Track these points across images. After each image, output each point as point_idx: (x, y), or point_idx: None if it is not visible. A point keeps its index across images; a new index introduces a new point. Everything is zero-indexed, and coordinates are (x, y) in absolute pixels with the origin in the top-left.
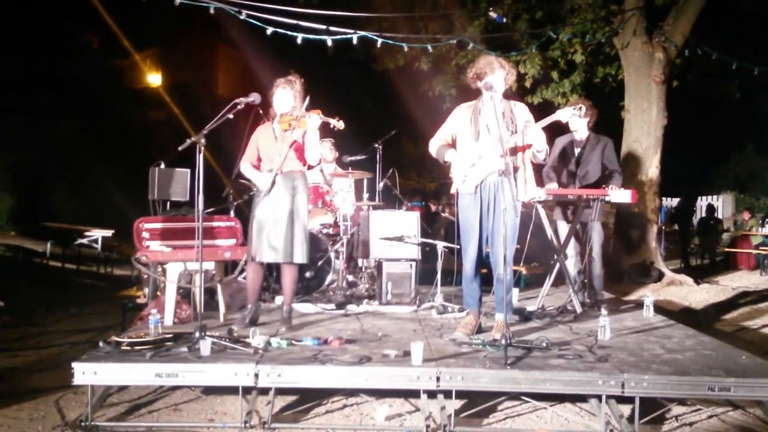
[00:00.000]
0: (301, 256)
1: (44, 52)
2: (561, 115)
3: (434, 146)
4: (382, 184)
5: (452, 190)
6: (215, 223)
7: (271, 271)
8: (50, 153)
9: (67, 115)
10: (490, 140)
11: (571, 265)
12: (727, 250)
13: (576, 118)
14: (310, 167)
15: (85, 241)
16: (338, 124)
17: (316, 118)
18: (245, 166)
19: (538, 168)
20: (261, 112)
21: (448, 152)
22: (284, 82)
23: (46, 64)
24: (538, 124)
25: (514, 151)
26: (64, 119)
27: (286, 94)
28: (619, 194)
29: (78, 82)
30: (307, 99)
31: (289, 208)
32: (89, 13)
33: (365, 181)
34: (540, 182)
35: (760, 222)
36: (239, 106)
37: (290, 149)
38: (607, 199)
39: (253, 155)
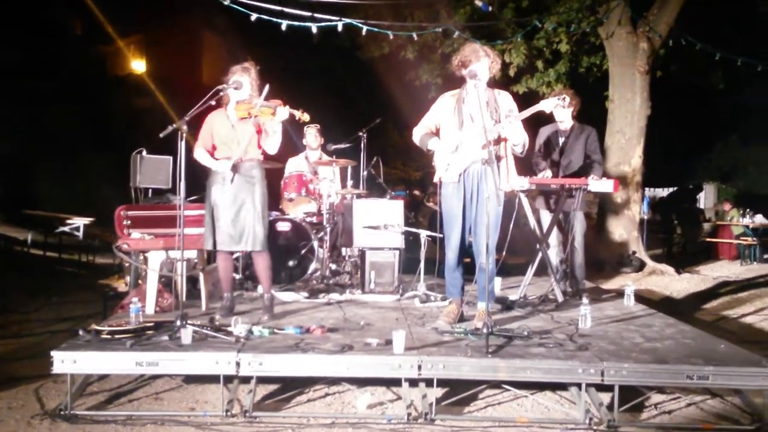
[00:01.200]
0: (261, 244)
1: (27, 38)
2: (545, 105)
3: (418, 135)
4: (366, 172)
5: (435, 179)
6: (197, 212)
7: (248, 261)
8: (33, 140)
9: (49, 101)
10: (474, 129)
11: (554, 254)
12: (708, 240)
13: (560, 108)
14: (267, 157)
15: (66, 229)
16: (303, 116)
17: (285, 110)
18: (200, 153)
19: (518, 158)
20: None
21: (431, 141)
22: (241, 69)
23: (29, 50)
24: (521, 114)
25: (497, 140)
26: (46, 106)
27: (243, 81)
28: (601, 184)
29: (61, 69)
30: (266, 87)
31: (249, 197)
32: None
33: (349, 170)
34: (522, 172)
35: (741, 213)
36: (222, 93)
37: (249, 137)
38: (588, 188)
39: (207, 142)
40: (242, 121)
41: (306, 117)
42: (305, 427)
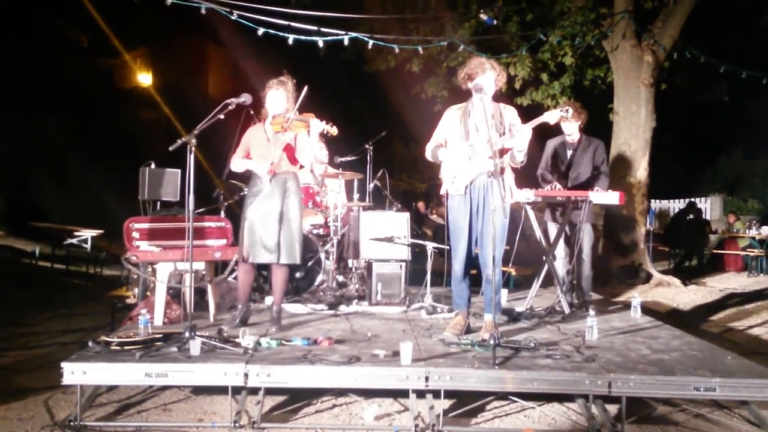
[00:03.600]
0: (293, 257)
1: (34, 50)
2: (549, 117)
3: (430, 150)
4: (372, 185)
5: (442, 191)
6: (206, 224)
7: (261, 272)
8: (40, 153)
9: (56, 114)
10: (480, 141)
11: (560, 266)
12: (714, 251)
13: (567, 121)
14: (301, 167)
15: (74, 241)
16: (332, 129)
17: (318, 123)
18: (236, 161)
19: (521, 170)
20: (252, 112)
21: (440, 151)
22: (277, 83)
23: (36, 63)
24: (526, 125)
25: (502, 152)
26: (53, 119)
27: (279, 95)
28: (606, 196)
29: (68, 82)
30: (305, 89)
31: (282, 209)
32: (79, 11)
33: (355, 182)
34: (528, 185)
35: (747, 224)
36: (230, 107)
37: (283, 151)
38: (593, 200)
39: (243, 155)
40: (277, 135)
41: (334, 131)
42: None
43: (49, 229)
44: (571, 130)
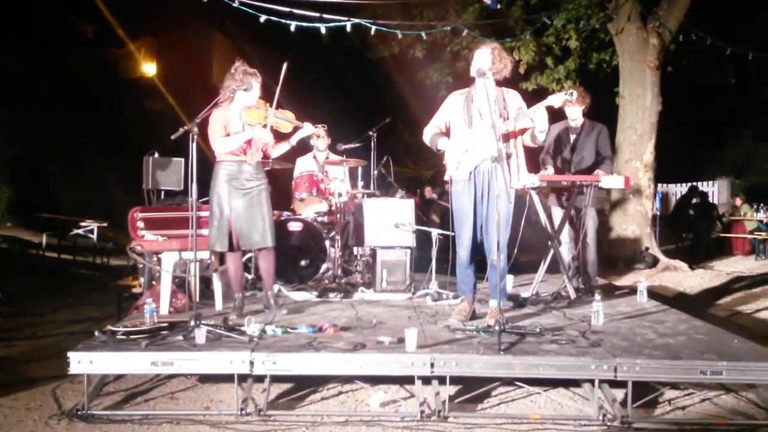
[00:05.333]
0: (272, 239)
1: (38, 42)
2: (553, 100)
3: (428, 134)
4: (376, 172)
5: (446, 177)
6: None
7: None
8: (45, 144)
9: (61, 105)
10: (483, 126)
11: (566, 251)
12: (721, 235)
13: (571, 105)
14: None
15: (80, 231)
16: (318, 131)
17: (309, 127)
18: (224, 140)
19: (531, 154)
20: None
21: (441, 140)
22: (252, 74)
23: (41, 54)
24: (530, 110)
25: (506, 137)
26: (58, 110)
27: (258, 89)
28: (613, 180)
29: (72, 72)
30: (285, 66)
31: (261, 197)
32: (83, 2)
33: (360, 169)
34: (533, 169)
35: (754, 207)
36: (231, 94)
37: (262, 142)
38: (599, 185)
39: (223, 133)
40: (251, 126)
41: (321, 132)
42: (319, 425)
43: (56, 219)
44: (575, 115)
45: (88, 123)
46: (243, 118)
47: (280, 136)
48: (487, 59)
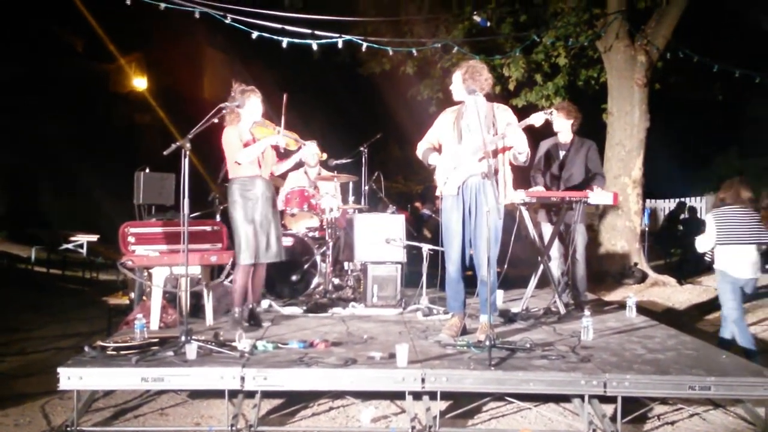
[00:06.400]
0: (284, 254)
1: (29, 55)
2: (534, 119)
3: (421, 149)
4: (367, 187)
5: (437, 193)
6: (201, 228)
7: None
8: (36, 157)
9: (52, 119)
10: (472, 142)
11: (555, 266)
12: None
13: (560, 121)
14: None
15: (70, 246)
16: (322, 156)
17: (313, 146)
18: (243, 152)
19: (518, 171)
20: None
21: (431, 156)
22: (255, 91)
23: (32, 67)
24: (508, 128)
25: (494, 153)
26: (49, 123)
27: (260, 104)
28: (601, 196)
29: (63, 86)
30: (285, 97)
31: (273, 211)
32: (74, 16)
33: (351, 185)
34: (522, 185)
35: None
36: (224, 111)
37: (273, 157)
38: (588, 201)
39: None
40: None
41: (324, 156)
42: None
43: (45, 234)
44: (563, 130)
45: (79, 136)
46: (253, 134)
47: (280, 155)
48: (458, 81)
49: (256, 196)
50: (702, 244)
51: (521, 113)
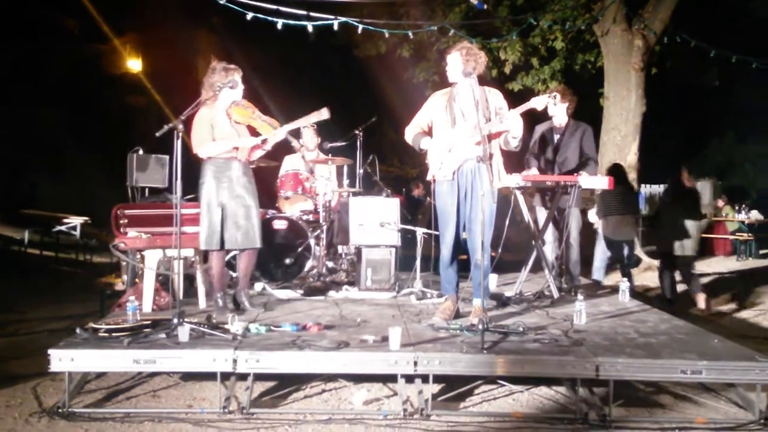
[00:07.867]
0: (260, 240)
1: (22, 37)
2: (536, 102)
3: (410, 133)
4: (362, 170)
5: (429, 177)
6: (194, 210)
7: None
8: (29, 140)
9: (45, 101)
10: (467, 126)
11: (549, 250)
12: (703, 236)
13: (555, 105)
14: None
15: (63, 228)
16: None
17: (283, 132)
18: (211, 145)
19: (514, 154)
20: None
21: (423, 140)
22: (234, 70)
23: (25, 49)
24: (514, 111)
25: (490, 137)
26: (42, 105)
27: (241, 82)
28: (597, 180)
29: (56, 68)
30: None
31: (250, 196)
32: None
33: (345, 168)
34: (516, 168)
35: (736, 209)
36: (217, 92)
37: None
38: (581, 185)
39: (208, 137)
40: (238, 124)
41: (297, 145)
42: (302, 424)
43: (39, 216)
44: (558, 114)
45: (71, 118)
46: (231, 115)
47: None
48: (458, 62)
49: (230, 179)
50: None
51: (517, 97)
